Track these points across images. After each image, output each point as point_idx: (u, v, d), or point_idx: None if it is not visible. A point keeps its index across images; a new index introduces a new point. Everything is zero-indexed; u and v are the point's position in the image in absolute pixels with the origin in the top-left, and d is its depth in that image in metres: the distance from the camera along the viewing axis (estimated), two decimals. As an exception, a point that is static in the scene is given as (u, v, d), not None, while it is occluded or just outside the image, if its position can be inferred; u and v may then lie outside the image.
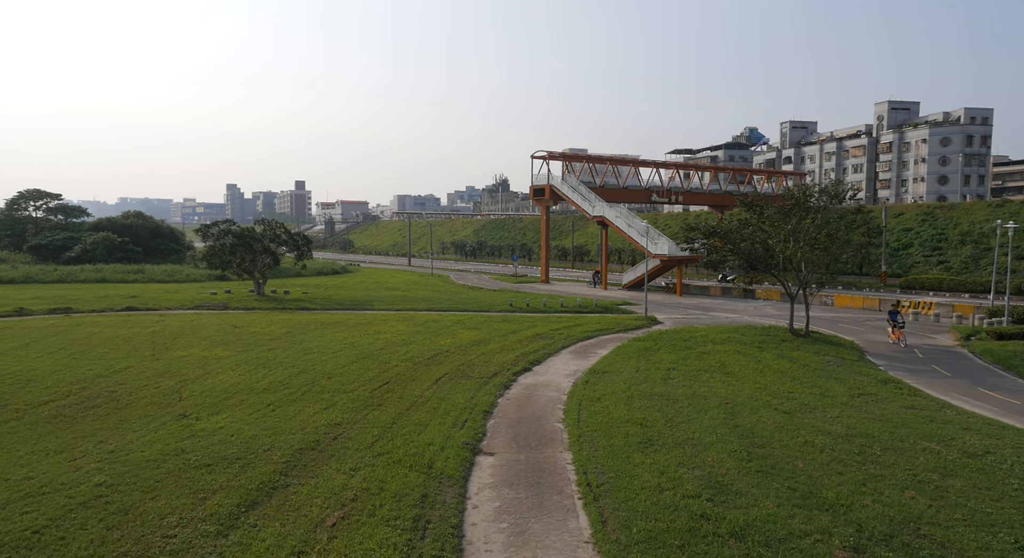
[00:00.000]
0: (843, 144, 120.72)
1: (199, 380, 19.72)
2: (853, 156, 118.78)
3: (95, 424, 15.23)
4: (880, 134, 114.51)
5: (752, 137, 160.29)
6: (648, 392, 18.62)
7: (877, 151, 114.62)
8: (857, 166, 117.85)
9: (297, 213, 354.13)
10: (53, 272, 54.42)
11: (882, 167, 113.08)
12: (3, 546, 9.36)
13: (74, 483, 11.56)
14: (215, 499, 10.99)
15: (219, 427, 15.04)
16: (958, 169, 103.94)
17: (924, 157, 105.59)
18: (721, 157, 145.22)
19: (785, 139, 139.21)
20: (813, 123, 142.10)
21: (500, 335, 29.31)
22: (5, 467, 12.33)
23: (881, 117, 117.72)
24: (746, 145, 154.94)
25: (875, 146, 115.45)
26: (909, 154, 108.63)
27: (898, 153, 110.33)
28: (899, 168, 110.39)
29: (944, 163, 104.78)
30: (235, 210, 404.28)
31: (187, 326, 30.47)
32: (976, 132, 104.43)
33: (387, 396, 18.24)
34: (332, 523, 10.20)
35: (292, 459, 12.98)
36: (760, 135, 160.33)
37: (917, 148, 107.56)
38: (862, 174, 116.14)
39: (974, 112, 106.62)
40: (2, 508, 10.56)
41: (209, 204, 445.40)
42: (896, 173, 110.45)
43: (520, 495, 11.59)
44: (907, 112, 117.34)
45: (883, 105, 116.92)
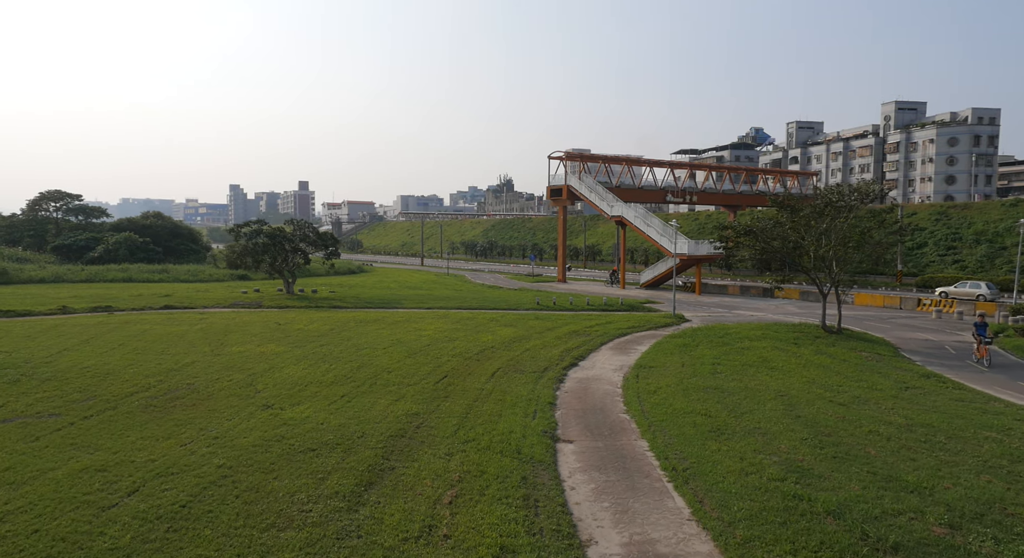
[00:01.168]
0: (850, 144, 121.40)
1: (266, 374, 20.49)
2: (860, 156, 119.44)
3: (187, 413, 16.02)
4: (887, 134, 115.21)
5: (758, 137, 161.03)
6: (701, 385, 19.40)
7: (884, 151, 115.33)
8: (864, 166, 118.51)
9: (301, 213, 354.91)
10: (81, 272, 55.23)
11: (889, 167, 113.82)
12: (161, 517, 10.16)
13: (196, 465, 12.35)
14: (332, 479, 11.77)
15: (305, 417, 15.82)
16: (966, 169, 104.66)
17: (931, 157, 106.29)
18: (727, 157, 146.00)
19: (791, 139, 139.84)
20: (819, 123, 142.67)
21: (537, 332, 30.08)
22: (126, 451, 13.12)
23: (888, 117, 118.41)
24: (752, 145, 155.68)
25: (882, 146, 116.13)
26: (916, 154, 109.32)
27: (905, 153, 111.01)
28: (906, 168, 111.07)
29: (952, 163, 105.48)
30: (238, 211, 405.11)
31: (232, 324, 31.24)
32: (983, 132, 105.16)
33: (450, 389, 19.00)
34: (449, 501, 10.98)
35: (387, 445, 13.76)
36: (766, 135, 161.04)
37: (924, 148, 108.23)
38: (869, 174, 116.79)
39: (981, 112, 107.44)
40: (143, 485, 11.37)
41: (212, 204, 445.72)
42: (903, 173, 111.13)
43: (611, 478, 12.36)
44: (914, 112, 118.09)
45: (890, 105, 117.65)
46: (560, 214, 67.57)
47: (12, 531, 9.72)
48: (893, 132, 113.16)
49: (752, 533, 9.66)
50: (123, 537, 9.55)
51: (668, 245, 54.82)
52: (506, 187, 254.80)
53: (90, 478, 11.73)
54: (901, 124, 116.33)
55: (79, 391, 17.87)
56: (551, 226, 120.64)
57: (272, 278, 48.51)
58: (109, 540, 9.46)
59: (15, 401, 16.74)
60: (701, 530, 10.07)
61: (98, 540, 9.46)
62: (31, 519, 10.10)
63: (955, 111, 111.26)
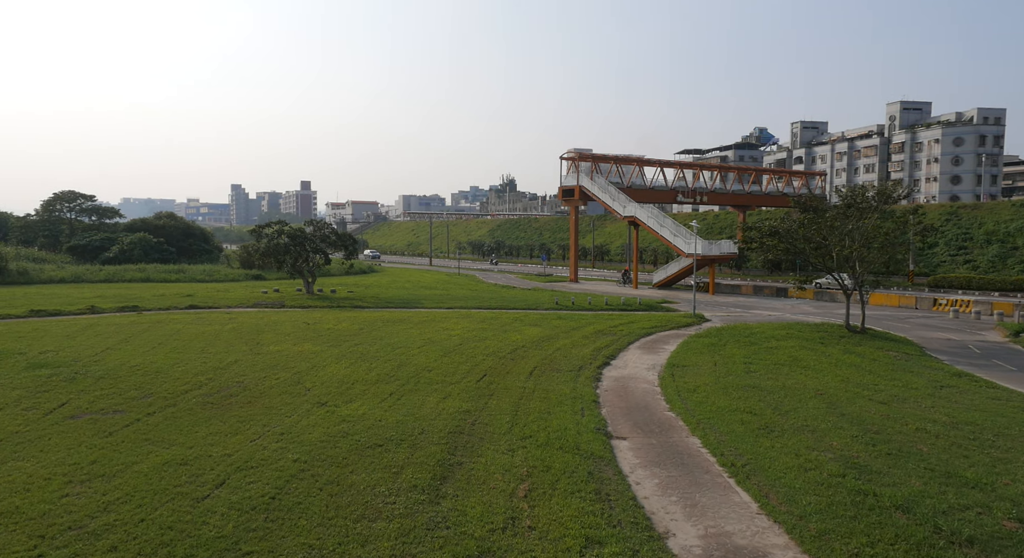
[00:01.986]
0: (854, 144, 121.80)
1: (311, 372, 20.92)
2: (865, 156, 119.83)
3: (245, 410, 16.45)
4: (892, 134, 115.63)
5: (762, 137, 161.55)
6: (739, 384, 19.85)
7: (889, 151, 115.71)
8: (869, 166, 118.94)
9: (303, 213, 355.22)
10: (99, 272, 55.66)
11: (894, 167, 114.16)
12: (255, 508, 10.61)
13: (272, 460, 12.79)
14: (407, 474, 12.21)
15: (361, 414, 16.25)
16: (971, 169, 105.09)
17: (937, 157, 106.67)
18: (731, 157, 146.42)
19: (796, 139, 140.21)
20: (823, 123, 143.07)
21: (563, 332, 30.51)
22: (199, 446, 13.56)
23: (893, 117, 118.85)
24: (756, 145, 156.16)
25: (887, 146, 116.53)
26: (921, 154, 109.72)
27: (910, 153, 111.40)
28: (911, 168, 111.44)
29: (957, 163, 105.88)
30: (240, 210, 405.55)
31: (262, 323, 31.67)
32: (989, 132, 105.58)
33: (493, 387, 19.43)
34: (523, 494, 11.42)
35: (449, 441, 14.19)
36: (770, 135, 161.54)
37: (930, 148, 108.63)
38: (874, 174, 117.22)
39: (987, 112, 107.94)
40: (227, 478, 11.82)
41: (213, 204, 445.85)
42: (908, 173, 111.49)
43: (672, 474, 12.79)
44: (919, 112, 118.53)
45: (895, 105, 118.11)
46: (572, 214, 68.02)
47: (121, 520, 10.16)
48: (898, 132, 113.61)
49: (825, 526, 10.10)
50: (225, 526, 9.99)
51: (682, 245, 55.26)
52: (509, 187, 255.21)
53: (174, 471, 12.16)
54: (906, 124, 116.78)
55: (135, 389, 18.31)
56: (558, 226, 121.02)
57: (293, 278, 48.98)
58: (213, 529, 9.90)
59: (77, 398, 17.17)
60: (773, 523, 10.49)
61: (203, 528, 9.91)
62: (134, 509, 10.55)
63: (960, 111, 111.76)
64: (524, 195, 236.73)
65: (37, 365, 20.69)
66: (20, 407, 16.26)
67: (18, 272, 50.38)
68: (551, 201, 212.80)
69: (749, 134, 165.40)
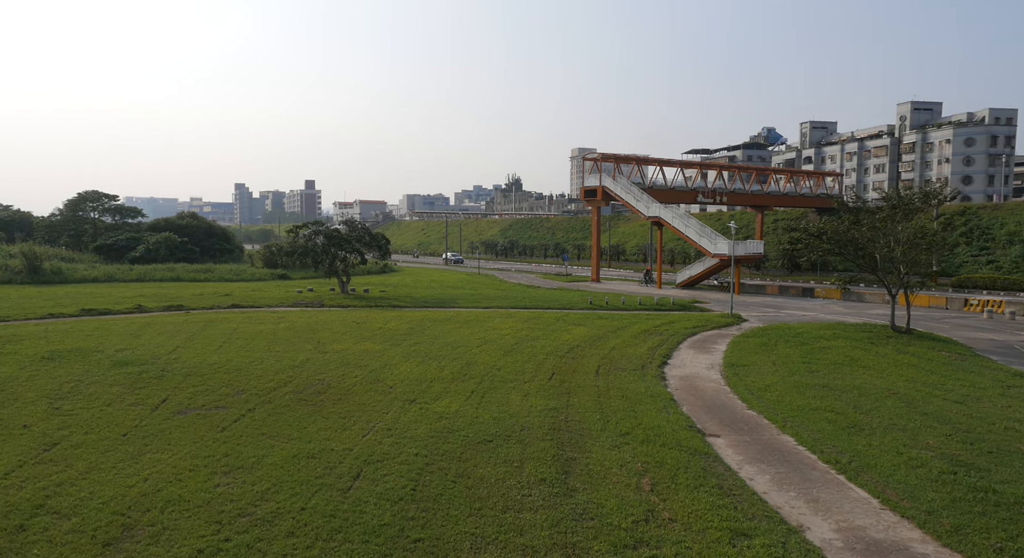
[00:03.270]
0: (864, 144, 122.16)
1: (385, 371, 21.38)
2: (875, 156, 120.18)
3: (339, 407, 16.92)
4: (903, 135, 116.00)
5: (770, 137, 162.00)
6: (808, 383, 20.32)
7: (899, 151, 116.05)
8: (879, 166, 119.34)
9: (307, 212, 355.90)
10: (130, 271, 56.16)
11: (904, 167, 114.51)
12: (403, 499, 11.13)
13: (393, 454, 13.27)
14: (528, 468, 12.69)
15: (454, 410, 16.72)
16: (983, 169, 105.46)
17: (948, 157, 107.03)
18: (739, 157, 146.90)
19: (805, 139, 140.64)
20: (833, 123, 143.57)
21: (610, 332, 30.96)
22: (317, 440, 14.06)
23: (904, 117, 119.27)
24: (764, 145, 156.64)
25: (897, 146, 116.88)
26: (932, 154, 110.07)
27: (921, 153, 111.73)
28: (922, 168, 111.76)
29: (968, 163, 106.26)
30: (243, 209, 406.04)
31: (312, 323, 32.11)
32: (1000, 132, 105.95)
33: (567, 386, 19.89)
34: (649, 488, 11.90)
35: (552, 437, 14.67)
36: (778, 135, 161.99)
37: (941, 148, 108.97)
38: (884, 174, 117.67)
39: (998, 112, 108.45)
40: (361, 471, 12.34)
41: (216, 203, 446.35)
42: (919, 173, 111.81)
43: (780, 470, 13.25)
44: (929, 113, 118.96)
45: (906, 106, 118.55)
46: (594, 215, 68.45)
47: (283, 508, 10.67)
48: (909, 132, 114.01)
49: (958, 521, 10.57)
50: (383, 515, 10.49)
51: (708, 246, 55.71)
52: (515, 186, 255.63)
53: (306, 464, 12.65)
54: (917, 124, 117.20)
55: (225, 386, 18.79)
56: (570, 226, 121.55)
57: (328, 277, 49.47)
58: (373, 517, 10.40)
59: (175, 395, 17.66)
60: (900, 518, 10.93)
61: (363, 517, 10.40)
62: (289, 498, 11.06)
63: (972, 111, 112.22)
64: (530, 195, 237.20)
65: (121, 363, 21.17)
66: (126, 403, 16.73)
67: (52, 271, 50.87)
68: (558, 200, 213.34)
69: (757, 134, 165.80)
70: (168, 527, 10.06)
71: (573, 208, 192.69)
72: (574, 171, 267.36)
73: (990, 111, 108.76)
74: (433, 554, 9.42)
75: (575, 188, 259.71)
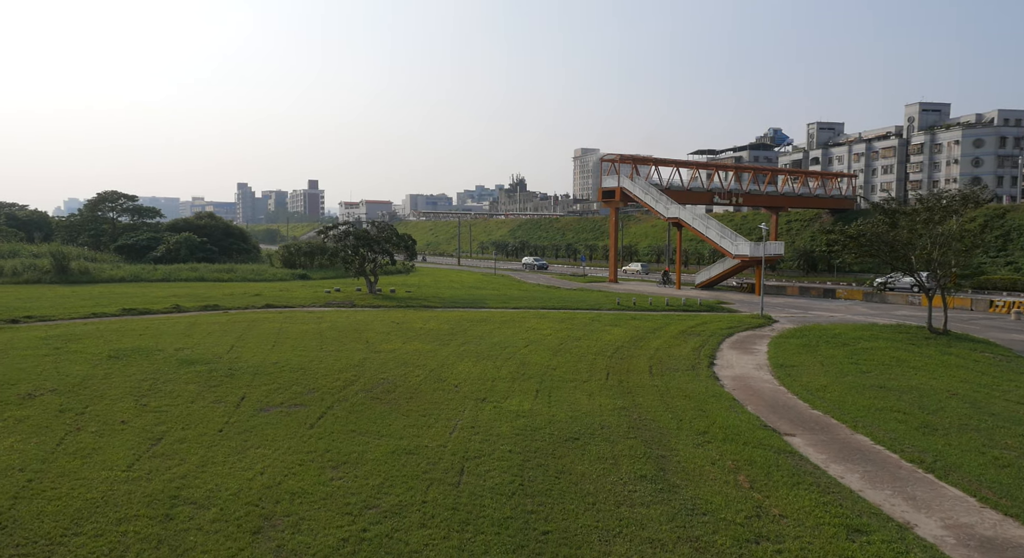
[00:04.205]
0: (872, 145, 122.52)
1: (443, 370, 21.69)
2: (883, 157, 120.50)
3: (413, 405, 17.23)
4: (911, 136, 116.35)
5: (776, 138, 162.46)
6: (863, 384, 20.66)
7: (908, 152, 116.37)
8: (887, 167, 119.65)
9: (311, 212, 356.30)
10: (154, 271, 56.50)
11: (913, 168, 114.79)
12: (515, 493, 11.47)
13: (488, 452, 13.61)
14: (625, 465, 13.03)
15: (527, 409, 17.04)
16: (991, 170, 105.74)
17: (956, 158, 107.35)
18: (746, 157, 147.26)
19: (812, 140, 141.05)
20: (840, 124, 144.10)
21: (648, 332, 31.25)
22: (408, 437, 14.40)
23: (912, 119, 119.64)
24: (770, 146, 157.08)
25: (905, 147, 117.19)
26: (941, 155, 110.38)
27: (930, 154, 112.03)
28: (930, 169, 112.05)
29: (977, 164, 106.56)
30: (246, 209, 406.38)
31: (352, 322, 32.42)
32: (1009, 133, 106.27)
33: (627, 385, 20.20)
34: (748, 485, 12.23)
35: (634, 435, 15.01)
36: (784, 136, 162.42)
37: (949, 149, 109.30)
38: (892, 175, 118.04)
39: (1008, 114, 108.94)
40: (463, 466, 12.67)
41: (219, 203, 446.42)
42: (928, 174, 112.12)
43: (868, 469, 13.54)
44: (937, 114, 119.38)
45: (914, 107, 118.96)
46: (612, 216, 68.80)
47: (404, 501, 11.04)
48: (917, 133, 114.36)
49: (1068, 518, 10.88)
50: (503, 508, 10.83)
51: (729, 247, 56.08)
52: (519, 187, 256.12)
53: (408, 460, 12.99)
54: (925, 126, 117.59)
55: (295, 384, 19.10)
56: (581, 226, 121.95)
57: (356, 278, 49.83)
58: (495, 510, 10.75)
59: (250, 393, 17.99)
60: (1004, 516, 11.23)
61: (485, 510, 10.76)
62: (406, 491, 11.45)
63: (980, 112, 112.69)
64: (535, 195, 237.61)
65: (186, 361, 21.49)
66: (207, 401, 17.06)
67: (80, 271, 51.21)
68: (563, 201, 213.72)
69: (763, 135, 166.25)
70: (304, 518, 10.41)
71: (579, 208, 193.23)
72: (577, 171, 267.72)
73: (999, 112, 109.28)
74: (566, 545, 9.75)
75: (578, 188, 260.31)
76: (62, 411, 15.63)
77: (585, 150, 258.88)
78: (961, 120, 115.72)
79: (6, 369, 19.59)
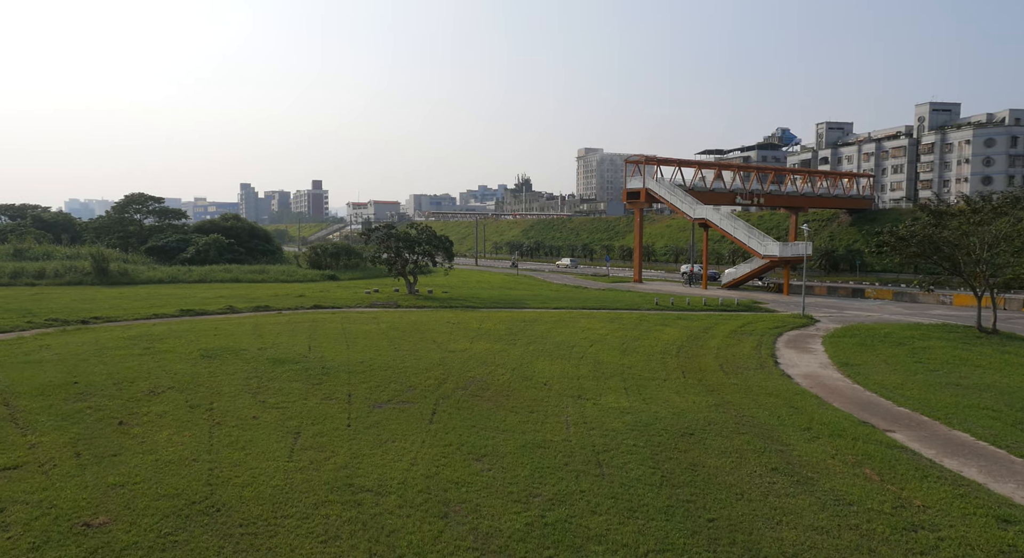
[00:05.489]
0: (882, 145, 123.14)
1: (524, 369, 22.24)
2: (893, 157, 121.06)
3: (514, 402, 17.76)
4: (921, 135, 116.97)
5: (784, 138, 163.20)
6: (937, 382, 21.27)
7: (918, 152, 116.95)
8: (897, 167, 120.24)
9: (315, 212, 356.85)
10: (190, 273, 57.09)
11: (923, 168, 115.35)
12: (661, 484, 12.02)
13: (614, 446, 14.17)
14: (751, 459, 13.61)
15: (625, 406, 17.61)
16: (1003, 170, 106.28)
17: (968, 158, 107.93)
18: (754, 157, 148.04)
19: (821, 140, 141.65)
20: (849, 124, 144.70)
21: (700, 332, 31.78)
22: (529, 433, 14.94)
23: (922, 118, 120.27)
24: (778, 145, 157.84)
25: (916, 147, 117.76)
26: (952, 155, 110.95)
27: (940, 154, 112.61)
28: (941, 169, 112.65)
29: (988, 164, 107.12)
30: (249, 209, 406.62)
31: (409, 323, 32.96)
32: (1021, 133, 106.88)
33: (707, 384, 20.72)
34: (879, 478, 12.79)
35: (743, 431, 15.58)
36: (792, 135, 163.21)
37: (960, 149, 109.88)
38: (902, 175, 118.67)
39: (1019, 113, 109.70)
40: (597, 458, 13.22)
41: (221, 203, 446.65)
42: (938, 174, 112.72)
43: (982, 464, 13.99)
44: (948, 113, 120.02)
45: (924, 107, 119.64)
46: (636, 216, 69.39)
47: (564, 491, 11.60)
48: (928, 133, 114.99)
49: None
50: (660, 498, 11.42)
51: (757, 247, 56.65)
52: (525, 187, 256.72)
53: (543, 453, 13.59)
54: (935, 125, 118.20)
55: (392, 382, 19.67)
56: (594, 227, 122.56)
57: (395, 278, 50.50)
58: (655, 499, 11.34)
59: (355, 390, 18.56)
60: None
61: (645, 499, 11.34)
62: (559, 482, 12.06)
63: (991, 112, 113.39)
64: (541, 195, 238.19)
65: (276, 360, 22.06)
66: (319, 398, 17.63)
67: (119, 273, 51.80)
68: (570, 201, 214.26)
69: (771, 134, 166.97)
70: (479, 504, 11.00)
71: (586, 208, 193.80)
72: (581, 171, 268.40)
73: (1010, 112, 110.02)
74: (737, 531, 10.33)
75: (582, 188, 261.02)
76: (192, 407, 16.21)
77: (588, 150, 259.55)
78: (972, 120, 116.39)
79: (116, 367, 20.19)
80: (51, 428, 14.19)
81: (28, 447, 13.01)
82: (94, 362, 20.88)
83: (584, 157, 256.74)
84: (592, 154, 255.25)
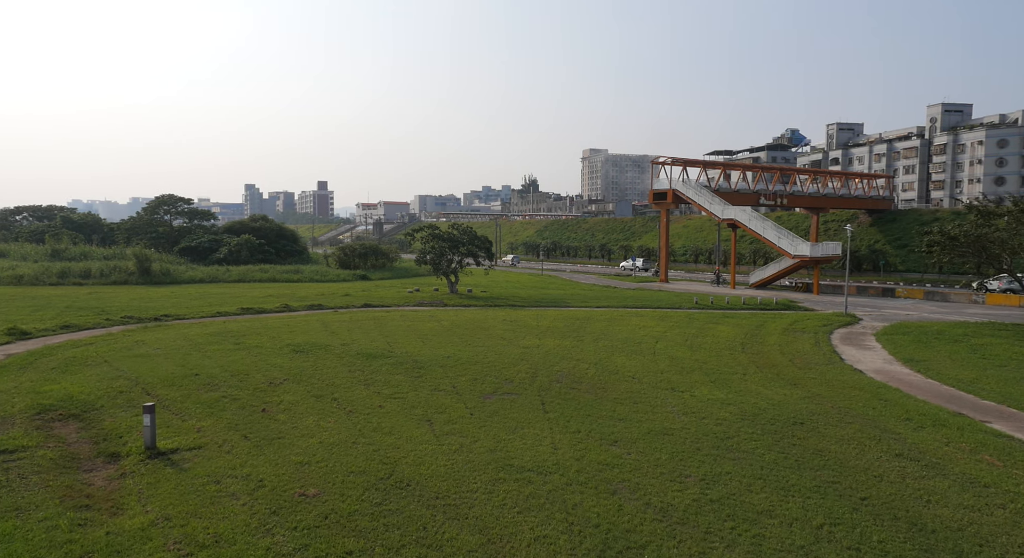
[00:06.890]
0: (893, 146, 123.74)
1: (605, 364, 22.90)
2: (904, 158, 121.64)
3: (613, 394, 18.41)
4: (933, 136, 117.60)
5: (794, 138, 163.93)
6: (1012, 377, 21.99)
7: (930, 153, 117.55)
8: (909, 167, 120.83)
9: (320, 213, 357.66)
10: (228, 273, 57.88)
11: (935, 169, 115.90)
12: (789, 467, 12.73)
13: (732, 434, 14.87)
14: (871, 446, 14.31)
15: (719, 398, 18.27)
16: (1016, 170, 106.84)
17: (980, 158, 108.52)
18: (763, 158, 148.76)
19: (831, 140, 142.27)
20: (859, 124, 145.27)
21: (753, 329, 32.43)
22: (644, 422, 15.61)
23: (934, 119, 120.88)
24: (787, 146, 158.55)
25: (927, 148, 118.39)
26: (964, 155, 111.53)
27: (952, 155, 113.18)
28: (953, 170, 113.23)
29: (1001, 165, 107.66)
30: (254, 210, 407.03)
31: (466, 320, 33.61)
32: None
33: (786, 378, 21.39)
34: (1000, 464, 13.46)
35: (848, 421, 16.25)
36: (802, 136, 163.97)
37: (973, 150, 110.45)
38: (914, 175, 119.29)
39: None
40: (724, 443, 13.86)
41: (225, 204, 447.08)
42: (951, 174, 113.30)
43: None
44: (960, 114, 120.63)
45: (936, 107, 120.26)
46: (663, 217, 70.03)
47: (711, 472, 12.30)
48: (940, 134, 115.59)
49: None
50: (804, 478, 12.08)
51: (787, 247, 57.29)
52: (532, 188, 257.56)
53: (669, 439, 14.30)
54: (947, 126, 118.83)
55: (487, 375, 20.33)
56: (610, 227, 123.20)
57: (438, 277, 51.33)
58: (800, 479, 12.01)
59: (457, 383, 19.23)
60: None
61: (789, 480, 12.03)
62: (702, 464, 12.82)
63: (1004, 113, 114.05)
64: (548, 196, 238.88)
65: (366, 355, 22.74)
66: (427, 389, 18.32)
67: (161, 273, 52.57)
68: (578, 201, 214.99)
69: (781, 135, 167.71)
70: (638, 484, 11.71)
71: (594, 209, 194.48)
72: (586, 172, 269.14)
73: (1023, 112, 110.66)
74: (892, 508, 11.02)
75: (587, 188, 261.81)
76: (317, 397, 16.92)
77: (593, 150, 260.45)
78: (984, 120, 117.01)
79: (223, 361, 20.92)
80: (204, 414, 14.91)
81: (196, 431, 13.72)
82: (198, 356, 21.59)
83: (588, 158, 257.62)
84: (596, 155, 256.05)
